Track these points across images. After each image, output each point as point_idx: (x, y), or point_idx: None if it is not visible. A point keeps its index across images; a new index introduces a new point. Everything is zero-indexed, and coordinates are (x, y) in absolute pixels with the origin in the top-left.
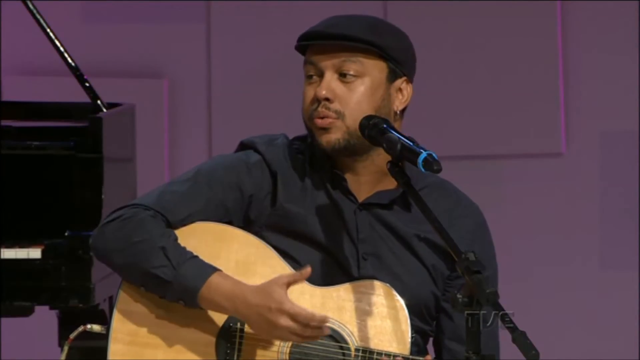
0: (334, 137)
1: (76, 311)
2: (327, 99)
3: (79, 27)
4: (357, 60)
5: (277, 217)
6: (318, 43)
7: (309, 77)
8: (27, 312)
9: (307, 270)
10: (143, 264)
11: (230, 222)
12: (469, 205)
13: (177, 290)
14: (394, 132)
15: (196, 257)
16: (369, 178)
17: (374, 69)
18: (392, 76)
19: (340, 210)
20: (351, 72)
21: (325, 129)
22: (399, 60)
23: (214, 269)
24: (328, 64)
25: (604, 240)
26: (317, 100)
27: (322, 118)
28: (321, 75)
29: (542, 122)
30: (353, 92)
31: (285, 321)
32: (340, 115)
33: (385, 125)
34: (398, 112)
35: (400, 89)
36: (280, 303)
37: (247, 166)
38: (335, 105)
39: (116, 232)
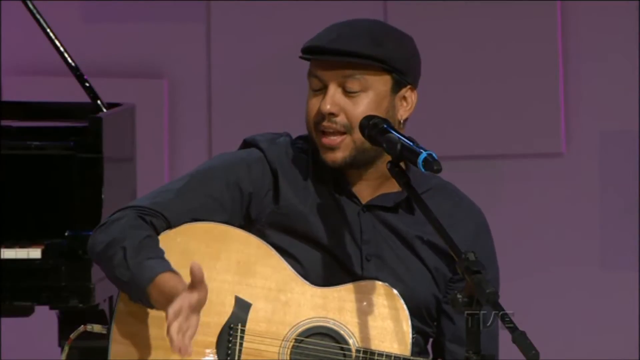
0: (340, 155)
1: (76, 311)
2: (331, 114)
3: (79, 27)
4: (361, 75)
5: (280, 215)
6: (320, 58)
7: (314, 88)
8: (27, 312)
9: (196, 269)
10: (109, 265)
11: (230, 221)
12: (471, 208)
13: (133, 291)
14: (394, 132)
15: (154, 258)
16: (372, 182)
17: (378, 83)
18: (397, 87)
19: (344, 211)
20: (355, 87)
21: (332, 148)
22: (403, 70)
23: (163, 270)
24: (331, 78)
25: (604, 240)
26: (321, 113)
27: (327, 135)
28: (325, 86)
29: (542, 122)
30: (358, 105)
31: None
32: (348, 129)
33: (385, 126)
34: (402, 120)
35: (404, 97)
36: (174, 298)
37: (247, 164)
38: (341, 119)
39: (100, 236)
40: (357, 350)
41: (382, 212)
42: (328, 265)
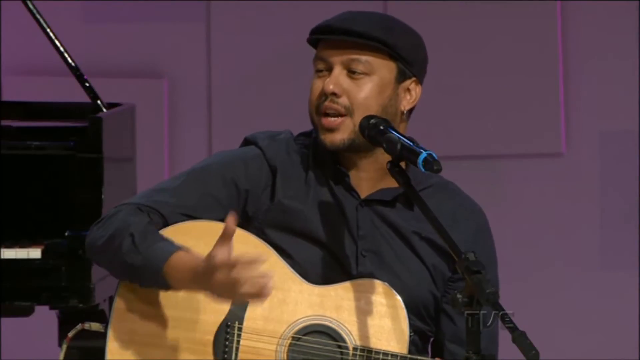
0: (339, 137)
1: (76, 311)
2: (334, 94)
3: (79, 27)
4: (366, 58)
5: (276, 213)
6: (328, 38)
7: (319, 70)
8: (27, 312)
9: (230, 224)
10: (117, 253)
11: None
12: (472, 208)
13: (147, 274)
14: (393, 132)
15: (165, 240)
16: (372, 175)
17: (382, 68)
18: (401, 76)
19: (342, 206)
20: (359, 70)
21: (332, 130)
22: (409, 61)
23: (176, 249)
24: (337, 59)
25: (604, 240)
26: (324, 94)
27: (328, 116)
28: (330, 69)
29: (542, 122)
30: (361, 88)
31: (220, 275)
32: (348, 111)
33: (385, 125)
34: (405, 112)
35: (408, 90)
36: (207, 262)
37: (244, 161)
38: (343, 100)
39: (100, 231)
40: (355, 348)
41: (380, 207)
42: (325, 262)
